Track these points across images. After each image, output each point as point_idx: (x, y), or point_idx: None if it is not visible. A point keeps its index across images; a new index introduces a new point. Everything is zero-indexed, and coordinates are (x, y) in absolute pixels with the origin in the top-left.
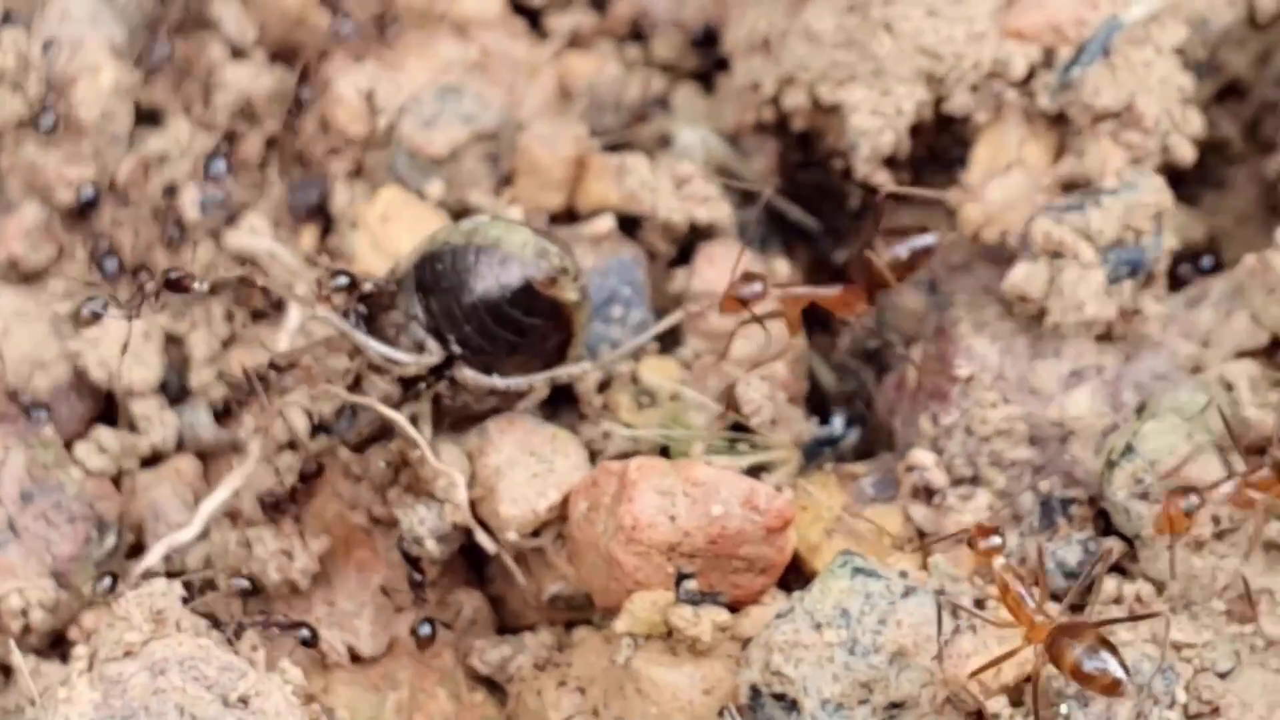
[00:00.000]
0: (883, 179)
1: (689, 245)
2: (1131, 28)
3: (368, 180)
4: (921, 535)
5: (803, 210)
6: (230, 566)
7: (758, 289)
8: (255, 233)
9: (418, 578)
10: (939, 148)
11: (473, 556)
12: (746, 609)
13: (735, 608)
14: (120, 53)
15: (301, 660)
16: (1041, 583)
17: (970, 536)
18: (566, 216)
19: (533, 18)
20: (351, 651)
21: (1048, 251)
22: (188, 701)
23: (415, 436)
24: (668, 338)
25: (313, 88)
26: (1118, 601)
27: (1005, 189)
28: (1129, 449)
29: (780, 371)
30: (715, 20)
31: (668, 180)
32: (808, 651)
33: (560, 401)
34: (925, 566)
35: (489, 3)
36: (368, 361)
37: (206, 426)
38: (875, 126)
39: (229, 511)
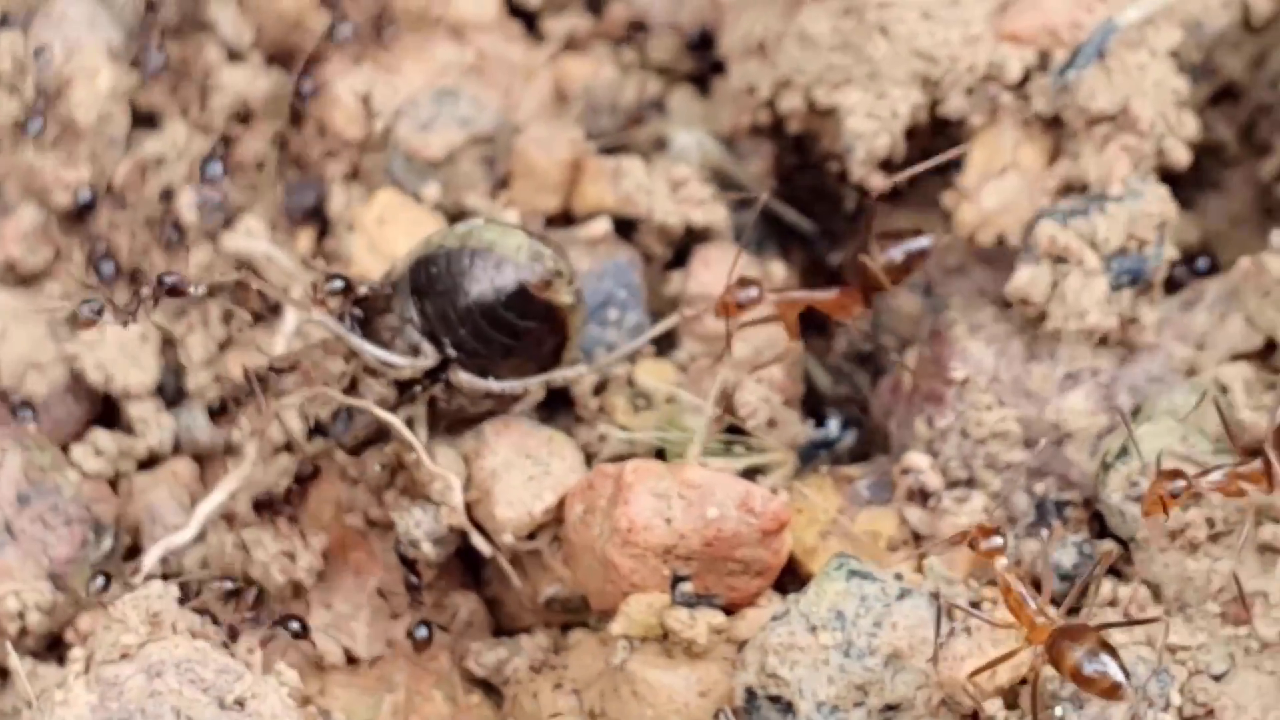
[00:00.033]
0: (878, 182)
1: (685, 248)
2: (1126, 31)
3: (364, 183)
4: (917, 538)
5: (798, 213)
6: (225, 568)
7: (753, 294)
8: (252, 235)
9: (414, 580)
10: (934, 150)
11: (469, 559)
12: (742, 611)
13: (731, 610)
14: (117, 56)
15: (298, 662)
16: (1044, 584)
17: (972, 537)
18: (562, 219)
19: (529, 21)
20: (348, 654)
21: (1051, 256)
22: (184, 704)
23: (411, 439)
24: (663, 340)
25: (310, 89)
26: (1113, 604)
27: (1000, 192)
28: (1124, 451)
29: (776, 374)
30: (711, 23)
31: (663, 183)
32: (803, 654)
33: (556, 404)
34: (920, 569)
35: (485, 6)
36: (363, 365)
37: (203, 429)
38: (871, 129)
39: (225, 514)
